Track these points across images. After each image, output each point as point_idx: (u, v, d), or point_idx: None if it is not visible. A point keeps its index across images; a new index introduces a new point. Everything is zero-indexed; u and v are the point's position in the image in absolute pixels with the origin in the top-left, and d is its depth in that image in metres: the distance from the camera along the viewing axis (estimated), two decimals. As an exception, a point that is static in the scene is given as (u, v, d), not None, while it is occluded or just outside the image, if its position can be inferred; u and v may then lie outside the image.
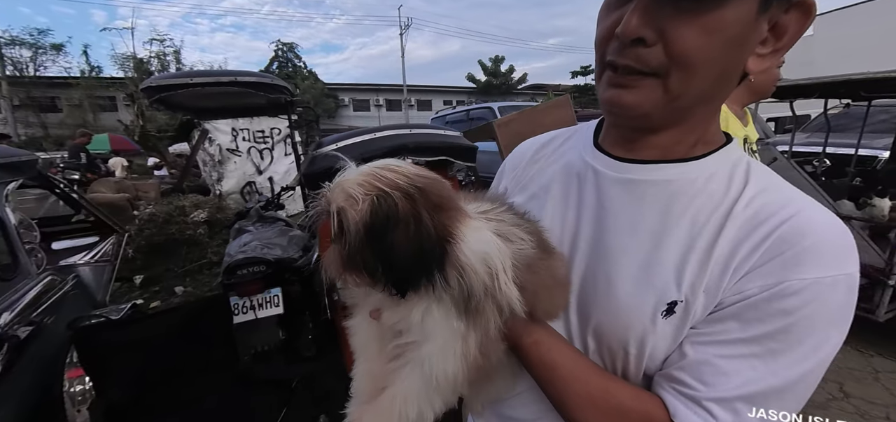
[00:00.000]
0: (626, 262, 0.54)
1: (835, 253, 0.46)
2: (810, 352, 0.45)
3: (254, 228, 3.06)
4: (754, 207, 0.50)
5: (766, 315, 0.46)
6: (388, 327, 0.53)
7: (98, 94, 20.16)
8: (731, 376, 0.46)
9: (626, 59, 0.49)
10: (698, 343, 0.49)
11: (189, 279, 4.30)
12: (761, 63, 0.50)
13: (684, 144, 0.55)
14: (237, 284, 2.25)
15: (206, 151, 6.29)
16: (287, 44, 27.30)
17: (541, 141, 0.76)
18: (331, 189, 0.49)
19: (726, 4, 0.43)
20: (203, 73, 2.55)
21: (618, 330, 0.53)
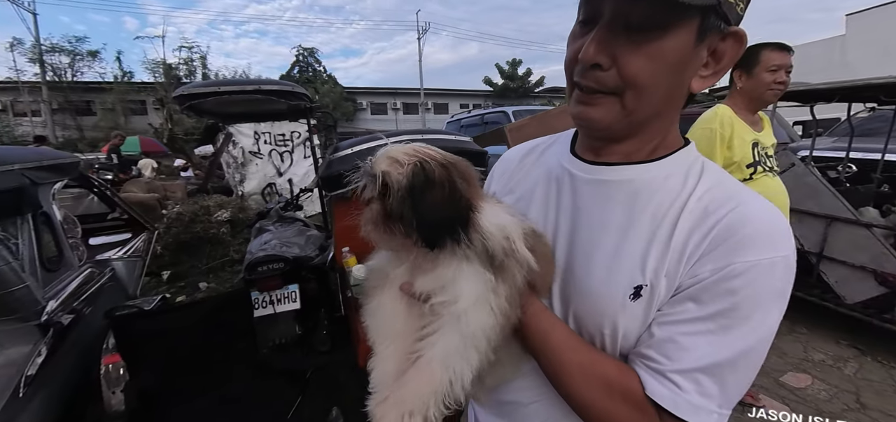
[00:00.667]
0: (597, 254, 0.61)
1: (771, 238, 0.53)
2: (756, 325, 0.52)
3: (274, 228, 3.21)
4: (705, 201, 0.57)
5: (716, 295, 0.53)
6: (419, 295, 0.55)
7: (130, 99, 21.08)
8: (690, 351, 0.53)
9: (587, 81, 0.57)
10: (662, 323, 0.56)
11: (212, 276, 4.50)
12: (703, 83, 0.58)
13: (644, 149, 0.63)
14: (257, 279, 2.38)
15: (229, 153, 6.56)
16: (308, 49, 27.88)
17: (526, 148, 0.83)
18: (375, 157, 0.56)
19: (666, 36, 0.51)
20: (229, 82, 2.72)
21: (594, 315, 0.60)
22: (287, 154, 7.02)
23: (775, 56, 1.95)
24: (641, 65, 0.53)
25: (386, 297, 0.60)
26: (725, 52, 0.56)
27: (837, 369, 2.86)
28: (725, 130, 1.97)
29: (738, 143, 1.97)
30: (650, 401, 0.54)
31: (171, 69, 18.74)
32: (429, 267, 0.56)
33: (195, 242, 4.74)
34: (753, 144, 1.98)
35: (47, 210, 2.18)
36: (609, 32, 0.53)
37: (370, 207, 0.56)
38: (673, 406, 0.53)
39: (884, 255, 2.88)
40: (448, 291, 0.53)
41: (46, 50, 20.13)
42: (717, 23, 0.53)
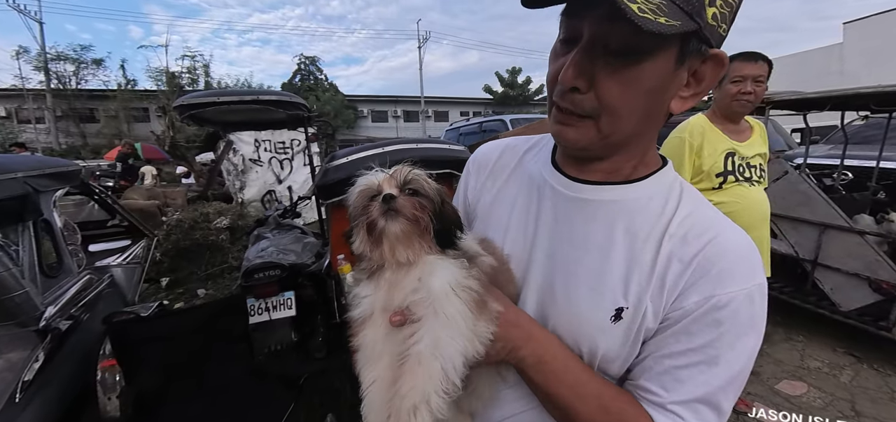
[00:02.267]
0: (579, 272, 0.62)
1: (749, 268, 0.56)
2: (741, 351, 0.56)
3: (271, 235, 3.24)
4: (685, 227, 0.59)
5: (704, 326, 0.55)
6: (400, 308, 0.59)
7: (133, 106, 21.25)
8: (686, 383, 0.56)
9: (565, 103, 0.58)
10: (658, 357, 0.58)
11: (211, 283, 4.53)
12: (683, 104, 0.58)
13: (625, 168, 0.64)
14: (254, 286, 2.41)
15: (230, 160, 6.62)
16: (309, 57, 28.08)
17: (502, 145, 0.83)
18: (383, 176, 0.63)
19: (644, 61, 0.51)
20: (229, 93, 2.78)
21: (572, 333, 0.61)
22: (287, 162, 7.08)
23: (741, 66, 1.96)
24: (617, 91, 0.53)
25: (368, 329, 0.63)
26: (706, 74, 0.56)
27: (833, 376, 2.86)
28: (694, 139, 1.99)
29: (708, 152, 1.98)
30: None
31: (174, 77, 18.93)
32: (403, 277, 0.60)
33: (194, 248, 4.77)
34: (727, 153, 1.99)
35: (48, 217, 2.22)
36: (588, 56, 0.53)
37: (405, 200, 0.61)
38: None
39: (877, 262, 2.89)
40: (423, 286, 0.58)
41: (52, 58, 20.35)
42: (698, 46, 0.53)
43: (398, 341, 0.58)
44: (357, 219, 0.63)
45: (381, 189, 0.61)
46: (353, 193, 0.64)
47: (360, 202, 0.63)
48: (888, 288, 2.86)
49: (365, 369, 0.61)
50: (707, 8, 0.50)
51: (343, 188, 2.32)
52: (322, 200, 2.47)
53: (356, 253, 0.64)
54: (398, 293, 0.60)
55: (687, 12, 0.48)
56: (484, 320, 0.58)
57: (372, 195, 0.62)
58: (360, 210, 0.62)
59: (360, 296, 0.66)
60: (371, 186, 0.63)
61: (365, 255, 0.63)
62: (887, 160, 4.23)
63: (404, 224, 0.59)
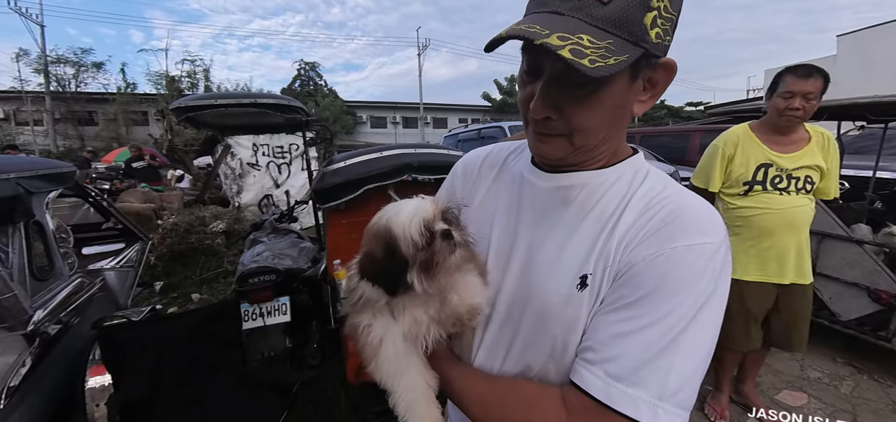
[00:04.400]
0: (548, 251, 0.67)
1: (699, 227, 0.58)
2: (682, 303, 0.55)
3: (267, 239, 3.21)
4: (647, 198, 0.64)
5: (646, 279, 0.57)
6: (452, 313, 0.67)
7: (132, 110, 21.21)
8: (621, 339, 0.56)
9: (540, 128, 0.64)
10: (598, 313, 0.61)
11: (205, 287, 4.48)
12: (643, 107, 0.64)
13: (596, 163, 0.69)
14: (248, 291, 2.37)
15: (227, 164, 6.60)
16: (310, 63, 28.15)
17: (485, 152, 0.89)
18: (432, 209, 0.66)
19: (604, 87, 0.57)
20: (226, 95, 2.75)
21: (546, 311, 0.65)
22: (285, 166, 7.06)
23: (793, 81, 1.96)
24: (585, 115, 0.60)
25: (386, 349, 0.67)
26: (659, 79, 0.63)
27: (834, 387, 2.84)
28: (728, 149, 2.09)
29: (740, 161, 2.06)
30: (585, 395, 0.56)
31: (173, 81, 18.93)
32: (431, 297, 0.67)
33: (190, 252, 4.73)
34: (761, 165, 2.03)
35: (40, 219, 2.19)
36: (553, 88, 0.59)
37: (454, 254, 0.65)
38: (606, 397, 0.54)
39: (876, 272, 2.88)
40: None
41: (52, 61, 20.34)
42: (648, 61, 0.58)
43: (418, 353, 0.69)
44: (415, 257, 0.63)
45: (433, 225, 0.64)
46: (401, 228, 0.63)
47: (416, 240, 0.63)
48: (887, 298, 2.85)
49: (395, 380, 0.68)
50: (650, 31, 0.55)
51: (341, 193, 2.32)
52: (319, 205, 2.45)
53: (418, 292, 0.65)
54: (431, 309, 0.67)
55: (632, 42, 0.54)
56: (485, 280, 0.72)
57: (427, 232, 0.64)
58: (419, 247, 0.63)
59: (369, 326, 0.69)
60: (428, 218, 0.65)
61: (422, 290, 0.65)
62: (883, 170, 4.24)
63: (461, 255, 0.66)
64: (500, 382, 0.69)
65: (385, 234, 0.64)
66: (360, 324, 0.70)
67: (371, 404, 2.19)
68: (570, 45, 0.50)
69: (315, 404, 2.32)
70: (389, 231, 0.63)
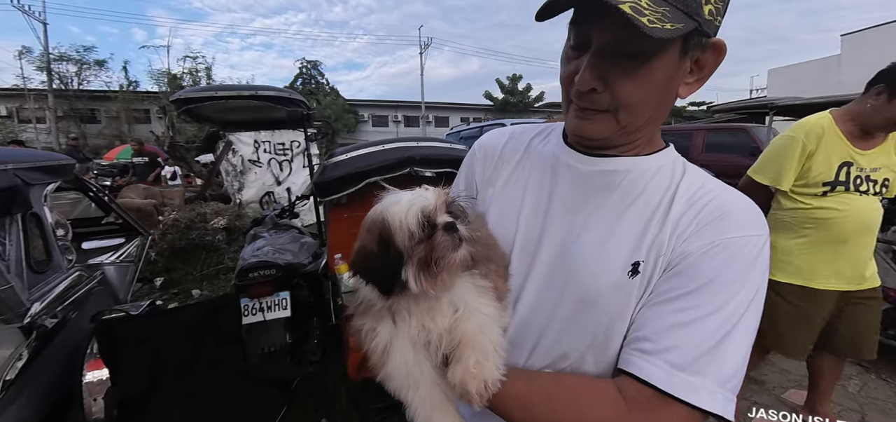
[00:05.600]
0: (593, 236, 0.65)
1: (749, 221, 0.60)
2: (736, 293, 0.56)
3: (268, 235, 3.18)
4: (692, 190, 0.64)
5: (702, 269, 0.57)
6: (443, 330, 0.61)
7: (134, 107, 21.25)
8: (687, 327, 0.56)
9: (584, 102, 0.62)
10: (652, 304, 0.59)
11: (206, 283, 4.46)
12: (688, 90, 0.63)
13: (636, 149, 0.68)
14: (248, 286, 2.34)
15: (229, 161, 6.57)
16: (311, 61, 28.17)
17: (507, 133, 0.86)
18: (433, 199, 0.60)
19: (653, 60, 0.56)
20: (227, 88, 2.73)
21: (590, 295, 0.63)
22: (286, 163, 7.03)
23: None
24: (633, 88, 0.58)
25: (395, 358, 0.62)
26: (707, 61, 0.61)
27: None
28: (810, 142, 1.80)
29: (821, 158, 1.79)
30: (645, 385, 0.55)
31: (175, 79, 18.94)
32: (435, 303, 0.61)
33: (190, 248, 4.71)
34: (843, 163, 1.79)
35: (38, 211, 2.16)
36: (601, 60, 0.57)
37: (460, 250, 0.59)
38: (668, 386, 0.54)
39: (885, 270, 2.83)
40: (461, 303, 0.61)
41: (54, 59, 20.38)
42: (699, 39, 0.58)
43: (430, 361, 0.62)
44: (411, 251, 0.57)
45: (435, 217, 0.58)
46: (397, 219, 0.57)
47: (413, 231, 0.56)
48: (895, 296, 2.80)
49: (408, 393, 0.62)
50: (703, 6, 0.55)
51: (342, 186, 2.28)
52: (320, 199, 2.42)
53: (414, 291, 0.58)
54: (439, 319, 0.60)
55: (687, 13, 0.54)
56: (505, 309, 0.64)
57: (427, 224, 0.58)
58: (416, 240, 0.57)
59: (373, 331, 0.63)
60: (424, 212, 0.58)
61: (420, 290, 0.58)
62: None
63: (467, 253, 0.59)
64: (541, 378, 0.64)
65: (379, 225, 0.58)
66: (363, 327, 0.64)
67: (372, 401, 2.16)
68: (630, 2, 0.50)
69: (316, 400, 2.29)
70: (384, 222, 0.57)
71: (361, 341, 0.65)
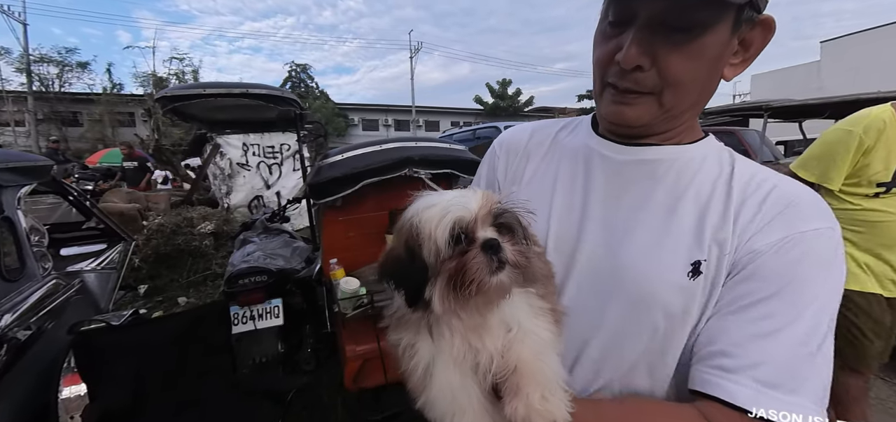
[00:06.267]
0: (645, 234, 0.59)
1: (818, 211, 0.55)
2: (817, 295, 0.51)
3: (258, 239, 3.07)
4: (746, 178, 0.59)
5: (777, 269, 0.52)
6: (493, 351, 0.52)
7: (118, 110, 20.74)
8: (772, 338, 0.50)
9: (626, 83, 0.57)
10: (730, 312, 0.53)
11: (193, 290, 4.31)
12: (734, 71, 0.58)
13: (678, 136, 0.63)
14: (238, 293, 2.24)
15: (217, 164, 6.40)
16: (300, 65, 27.99)
17: (531, 127, 0.81)
18: (474, 207, 0.51)
19: (707, 33, 0.51)
20: (216, 85, 2.61)
21: (653, 295, 0.56)
22: (276, 166, 6.87)
23: None
24: (683, 65, 0.53)
25: (440, 379, 0.53)
26: (754, 40, 0.56)
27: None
28: (869, 137, 1.64)
29: (881, 156, 1.63)
30: (733, 408, 0.49)
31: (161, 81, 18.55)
32: (484, 320, 0.52)
33: (176, 254, 4.54)
34: None
35: (10, 215, 2.02)
36: (648, 34, 0.53)
37: (502, 272, 0.49)
38: (761, 407, 0.48)
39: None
40: (514, 323, 0.52)
41: (35, 60, 19.80)
42: (751, 14, 0.53)
43: (479, 385, 0.52)
44: (438, 267, 0.48)
45: (473, 228, 0.49)
46: (425, 226, 0.49)
47: (440, 247, 0.48)
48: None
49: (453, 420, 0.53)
50: None
51: (338, 187, 2.20)
52: (314, 201, 2.32)
53: (437, 312, 0.50)
54: (488, 339, 0.51)
55: None
56: (562, 334, 0.55)
57: (463, 235, 0.49)
58: (445, 257, 0.48)
59: (412, 348, 0.54)
60: (462, 221, 0.49)
61: (444, 311, 0.49)
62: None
63: (511, 276, 0.49)
64: (608, 408, 0.57)
65: (408, 230, 0.51)
66: (400, 342, 0.56)
67: (369, 412, 2.07)
68: None
69: (310, 412, 2.19)
70: (412, 227, 0.50)
71: (399, 359, 0.57)
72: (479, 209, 0.50)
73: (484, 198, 0.51)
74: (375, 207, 2.41)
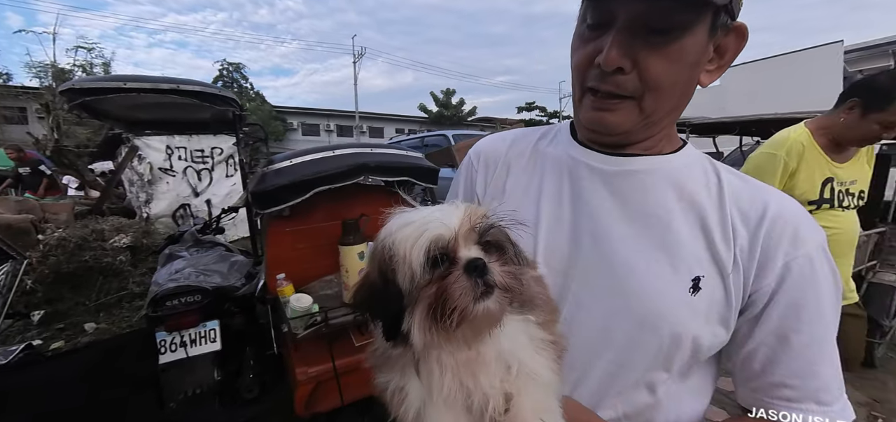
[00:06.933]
0: (642, 248, 0.58)
1: (811, 227, 0.58)
2: (834, 297, 0.56)
3: (188, 254, 2.74)
4: (735, 191, 0.60)
5: (801, 293, 0.54)
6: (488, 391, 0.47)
7: (5, 105, 17.72)
8: (822, 362, 0.55)
9: (607, 86, 0.56)
10: (775, 343, 0.55)
11: (104, 314, 3.73)
12: (710, 77, 0.59)
13: (658, 145, 0.63)
14: (166, 316, 1.96)
15: (134, 169, 5.67)
16: (234, 64, 26.11)
17: (511, 137, 0.79)
18: (456, 222, 0.45)
19: (686, 35, 0.52)
20: (140, 79, 2.22)
21: (658, 312, 0.56)
22: (206, 172, 6.25)
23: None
24: (663, 67, 0.53)
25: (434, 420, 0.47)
26: (728, 46, 0.57)
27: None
28: (792, 160, 1.69)
29: (804, 177, 1.69)
30: None
31: (62, 73, 16.17)
32: (477, 354, 0.47)
33: (83, 273, 3.91)
34: (826, 180, 1.71)
35: None
36: (628, 36, 0.52)
37: (490, 298, 0.43)
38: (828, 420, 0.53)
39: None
40: (513, 360, 0.47)
41: None
42: (725, 19, 0.54)
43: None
44: (415, 293, 0.42)
45: (454, 248, 0.43)
46: (399, 247, 0.43)
47: (416, 271, 0.42)
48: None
49: None
50: None
51: (287, 196, 2.02)
52: (258, 211, 2.12)
53: (417, 347, 0.44)
54: (484, 377, 0.46)
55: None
56: (562, 364, 0.51)
57: (443, 256, 0.43)
58: (422, 282, 0.42)
59: (401, 391, 0.48)
60: (441, 240, 0.43)
61: (429, 345, 0.44)
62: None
63: (501, 301, 0.43)
64: None
65: (382, 252, 0.45)
66: (388, 385, 0.50)
67: (324, 440, 1.91)
68: None
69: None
70: (387, 249, 0.45)
71: (388, 404, 0.50)
72: (461, 226, 0.44)
73: (467, 212, 0.46)
74: (327, 216, 2.26)
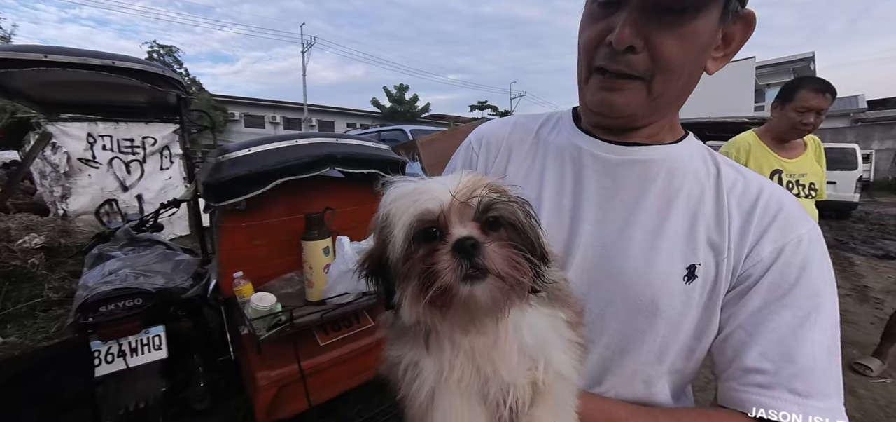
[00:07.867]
0: (638, 235, 0.58)
1: (801, 214, 0.58)
2: (825, 285, 0.54)
3: (123, 253, 2.45)
4: (731, 181, 0.61)
5: (787, 276, 0.54)
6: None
7: None
8: (799, 347, 0.51)
9: (617, 65, 0.55)
10: (752, 327, 0.53)
11: (13, 325, 3.23)
12: (716, 65, 0.59)
13: (661, 133, 0.64)
14: (100, 324, 1.73)
15: (47, 159, 4.97)
16: (165, 47, 23.72)
17: (511, 122, 0.78)
18: (448, 195, 0.42)
19: (699, 16, 0.52)
20: (64, 51, 1.87)
21: (653, 299, 0.56)
22: (136, 164, 5.62)
23: (808, 96, 1.91)
24: (676, 47, 0.53)
25: (443, 406, 0.44)
26: (735, 34, 0.58)
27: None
28: (741, 156, 2.00)
29: (753, 168, 1.91)
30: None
31: (-55, 47, 13.79)
32: (496, 339, 0.44)
33: (-18, 279, 3.37)
34: (774, 171, 1.99)
35: None
36: (642, 15, 0.52)
37: (484, 282, 0.40)
38: (797, 415, 0.50)
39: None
40: (538, 353, 0.45)
41: None
42: (736, 5, 0.54)
43: (486, 414, 0.45)
44: (405, 269, 0.40)
45: (446, 222, 0.40)
46: (393, 217, 0.41)
47: (399, 245, 0.40)
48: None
49: None
50: None
51: (244, 188, 1.86)
52: (212, 203, 1.93)
53: (407, 323, 0.42)
54: (503, 367, 0.44)
55: None
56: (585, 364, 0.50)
57: (432, 230, 0.40)
58: (413, 255, 0.40)
59: (415, 367, 0.45)
60: (428, 215, 0.40)
61: (421, 324, 0.42)
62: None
63: (496, 287, 0.40)
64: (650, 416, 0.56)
65: (380, 220, 0.44)
66: (400, 360, 0.46)
67: (288, 449, 1.79)
68: None
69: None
70: (383, 218, 0.44)
71: (397, 380, 0.47)
72: (456, 199, 0.41)
73: (467, 183, 0.42)
74: (287, 210, 2.12)
